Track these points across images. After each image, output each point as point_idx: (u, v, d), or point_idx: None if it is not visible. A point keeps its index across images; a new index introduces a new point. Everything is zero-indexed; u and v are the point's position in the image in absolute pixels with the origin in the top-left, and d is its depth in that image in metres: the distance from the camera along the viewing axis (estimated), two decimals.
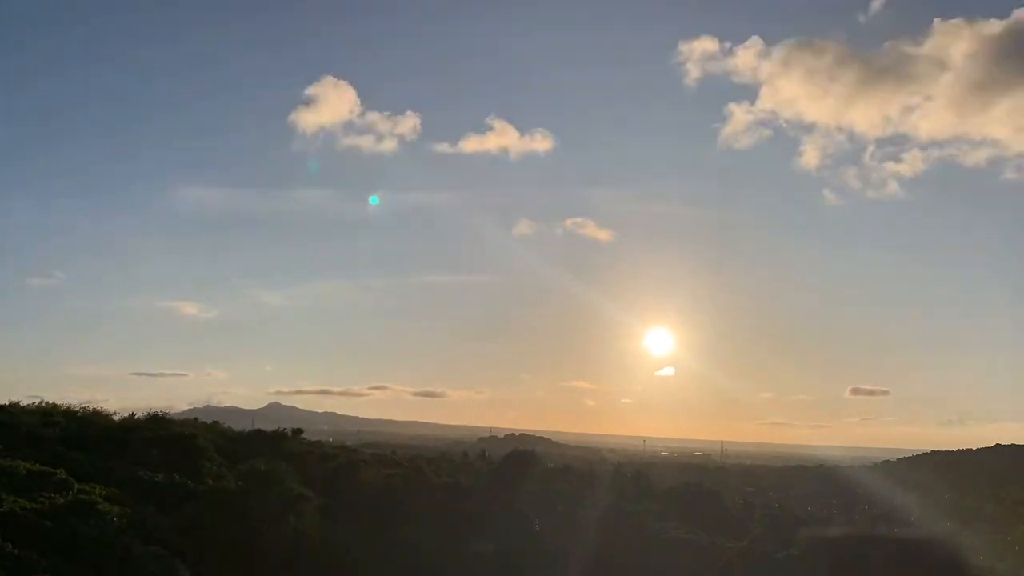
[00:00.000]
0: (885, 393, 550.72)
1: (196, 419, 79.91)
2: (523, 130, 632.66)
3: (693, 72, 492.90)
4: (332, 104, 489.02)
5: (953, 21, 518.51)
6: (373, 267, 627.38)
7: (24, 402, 55.88)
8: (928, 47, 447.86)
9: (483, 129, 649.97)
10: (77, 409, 56.15)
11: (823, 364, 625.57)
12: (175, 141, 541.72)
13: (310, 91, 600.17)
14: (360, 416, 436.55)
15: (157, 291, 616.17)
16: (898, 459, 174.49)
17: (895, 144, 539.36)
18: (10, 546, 31.49)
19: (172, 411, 71.56)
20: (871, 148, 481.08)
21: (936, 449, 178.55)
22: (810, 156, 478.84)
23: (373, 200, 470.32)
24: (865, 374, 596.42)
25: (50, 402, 56.24)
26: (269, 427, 72.83)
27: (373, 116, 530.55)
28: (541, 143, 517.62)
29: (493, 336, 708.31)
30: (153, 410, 61.78)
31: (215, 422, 74.99)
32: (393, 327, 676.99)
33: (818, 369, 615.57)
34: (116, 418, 57.69)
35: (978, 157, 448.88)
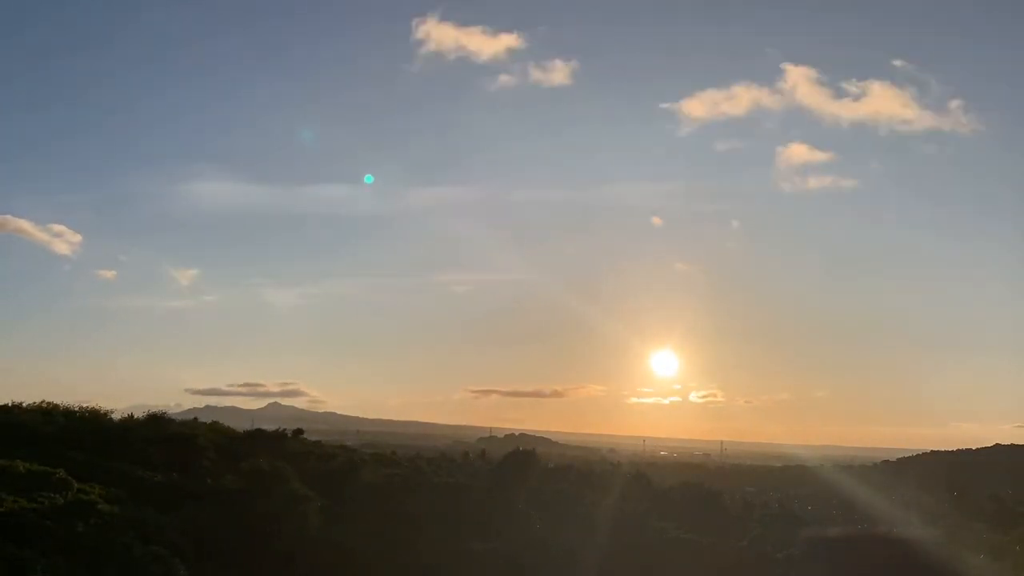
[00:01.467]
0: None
1: (196, 419, 79.80)
2: None
3: None
4: None
5: None
6: (388, 266, 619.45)
7: (24, 402, 55.94)
8: None
9: None
10: (77, 409, 56.16)
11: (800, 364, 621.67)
12: (186, 134, 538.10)
13: None
14: (360, 416, 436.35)
15: (161, 289, 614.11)
16: (897, 459, 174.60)
17: None
18: (10, 546, 31.51)
19: (172, 411, 71.67)
20: None
21: (936, 449, 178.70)
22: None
23: (367, 179, 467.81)
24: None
25: (50, 402, 56.29)
26: (269, 427, 72.77)
27: None
28: None
29: (500, 336, 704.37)
30: (153, 410, 61.93)
31: (215, 422, 74.83)
32: (401, 326, 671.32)
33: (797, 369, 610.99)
34: (116, 418, 57.74)
35: None
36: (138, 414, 60.58)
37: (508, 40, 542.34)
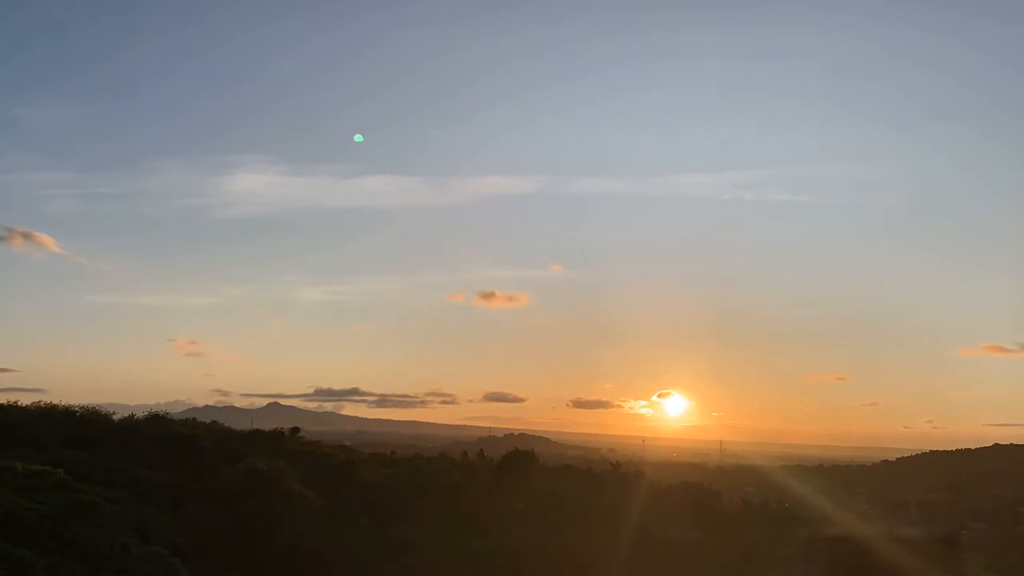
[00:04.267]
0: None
1: (196, 419, 79.84)
2: None
3: None
4: None
5: None
6: (421, 261, 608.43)
7: (24, 402, 56.05)
8: None
9: None
10: (77, 409, 56.24)
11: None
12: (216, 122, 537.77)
13: None
14: (360, 416, 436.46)
15: (171, 285, 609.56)
16: (897, 459, 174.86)
17: None
18: (10, 546, 31.53)
19: (172, 411, 71.72)
20: None
21: (935, 449, 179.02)
22: None
23: (357, 138, 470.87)
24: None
25: (50, 402, 56.39)
26: (269, 427, 72.80)
27: None
28: None
29: (503, 337, 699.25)
30: (153, 410, 62.02)
31: (215, 422, 74.89)
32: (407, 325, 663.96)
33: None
34: (116, 418, 57.78)
35: None
36: (138, 415, 60.67)
37: None
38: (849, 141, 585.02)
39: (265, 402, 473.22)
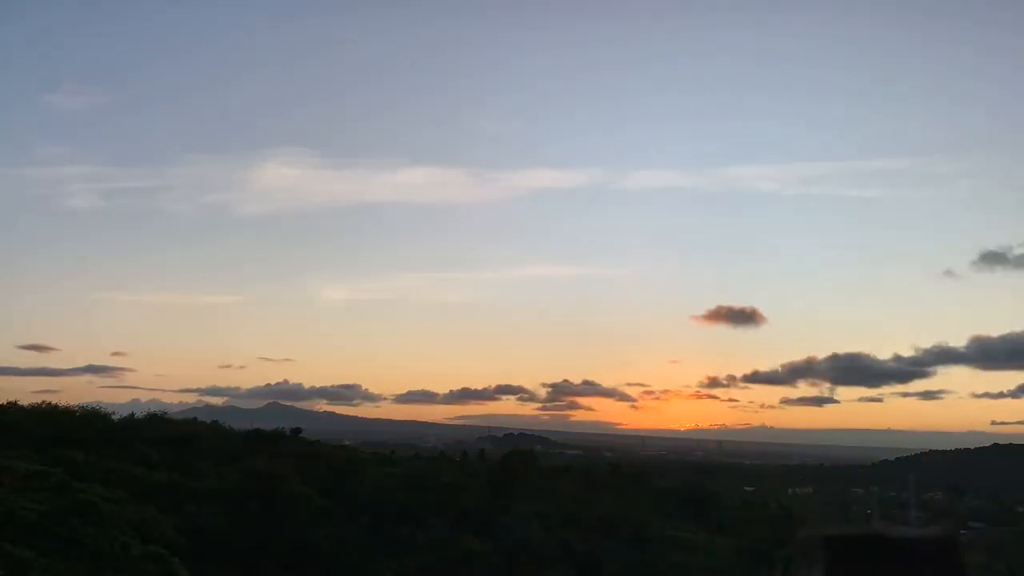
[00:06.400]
0: None
1: (195, 419, 79.90)
2: None
3: None
4: None
5: None
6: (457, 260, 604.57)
7: (24, 402, 56.06)
8: None
9: None
10: (77, 409, 56.28)
11: None
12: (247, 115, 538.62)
13: None
14: (359, 416, 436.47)
15: (192, 283, 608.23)
16: (896, 459, 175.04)
17: None
18: (10, 546, 31.52)
19: (172, 411, 71.90)
20: None
21: (933, 449, 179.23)
22: None
23: None
24: None
25: (49, 402, 56.43)
26: (268, 427, 72.89)
27: None
28: None
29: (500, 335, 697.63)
30: (152, 410, 62.15)
31: (215, 422, 75.00)
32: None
33: None
34: (115, 418, 57.82)
35: None
36: (138, 414, 60.76)
37: None
38: (919, 134, 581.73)
39: (265, 402, 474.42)
